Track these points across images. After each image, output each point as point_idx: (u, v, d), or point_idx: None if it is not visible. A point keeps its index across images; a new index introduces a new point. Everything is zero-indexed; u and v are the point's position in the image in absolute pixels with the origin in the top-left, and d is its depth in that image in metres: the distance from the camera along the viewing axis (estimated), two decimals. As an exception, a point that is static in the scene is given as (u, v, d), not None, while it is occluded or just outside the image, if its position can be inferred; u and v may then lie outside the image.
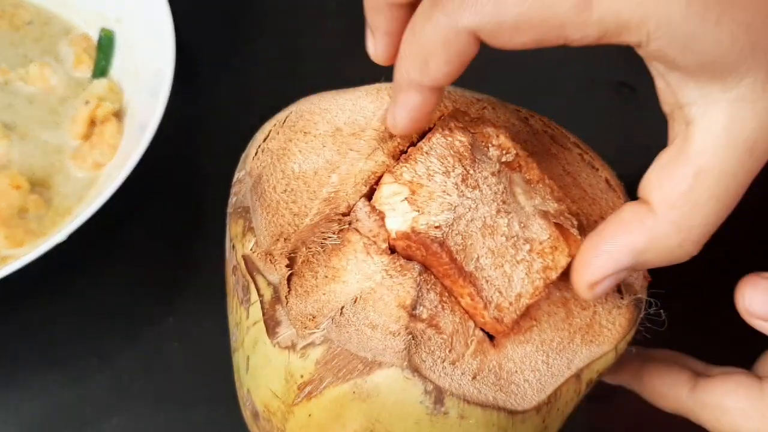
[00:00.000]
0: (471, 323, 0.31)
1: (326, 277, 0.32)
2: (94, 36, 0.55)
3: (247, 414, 0.35)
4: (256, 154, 0.36)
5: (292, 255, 0.32)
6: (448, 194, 0.31)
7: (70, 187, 0.49)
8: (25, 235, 0.46)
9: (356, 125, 0.36)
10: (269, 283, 0.32)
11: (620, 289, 0.34)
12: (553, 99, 0.54)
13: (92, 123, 0.51)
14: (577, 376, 0.32)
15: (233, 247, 0.34)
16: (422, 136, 0.36)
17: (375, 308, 0.31)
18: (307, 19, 0.61)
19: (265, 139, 0.36)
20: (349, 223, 0.33)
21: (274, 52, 0.59)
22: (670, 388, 0.37)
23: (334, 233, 0.32)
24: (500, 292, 0.31)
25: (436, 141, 0.33)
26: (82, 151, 0.50)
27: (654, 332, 0.34)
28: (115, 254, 0.49)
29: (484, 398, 0.30)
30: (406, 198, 0.32)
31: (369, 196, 0.34)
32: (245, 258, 0.33)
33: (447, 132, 0.33)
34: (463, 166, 0.32)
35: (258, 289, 0.32)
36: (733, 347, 0.48)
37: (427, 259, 0.31)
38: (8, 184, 0.47)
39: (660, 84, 0.29)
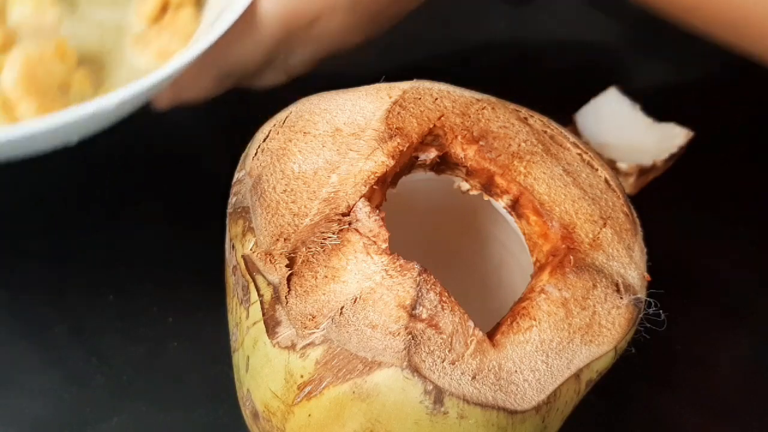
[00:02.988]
0: (471, 323, 0.31)
1: (326, 277, 0.32)
2: None
3: (247, 414, 0.35)
4: (255, 154, 0.36)
5: (291, 255, 0.32)
6: None
7: (123, 72, 0.41)
8: None
9: (356, 125, 0.36)
10: (269, 283, 0.32)
11: (619, 288, 0.34)
12: (553, 99, 0.54)
13: (165, 6, 0.43)
14: (577, 376, 0.32)
15: (233, 247, 0.34)
16: (422, 136, 0.36)
17: (375, 308, 0.31)
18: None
19: (264, 139, 0.36)
20: (349, 223, 0.33)
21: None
22: None
23: (334, 233, 0.32)
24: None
25: None
26: (147, 36, 0.42)
27: (654, 332, 0.34)
28: (115, 254, 0.49)
29: (483, 398, 0.30)
30: None
31: (369, 196, 0.34)
32: (245, 258, 0.33)
33: None
34: None
35: (258, 289, 0.32)
36: (730, 348, 0.48)
37: None
38: (53, 49, 0.39)
39: None
